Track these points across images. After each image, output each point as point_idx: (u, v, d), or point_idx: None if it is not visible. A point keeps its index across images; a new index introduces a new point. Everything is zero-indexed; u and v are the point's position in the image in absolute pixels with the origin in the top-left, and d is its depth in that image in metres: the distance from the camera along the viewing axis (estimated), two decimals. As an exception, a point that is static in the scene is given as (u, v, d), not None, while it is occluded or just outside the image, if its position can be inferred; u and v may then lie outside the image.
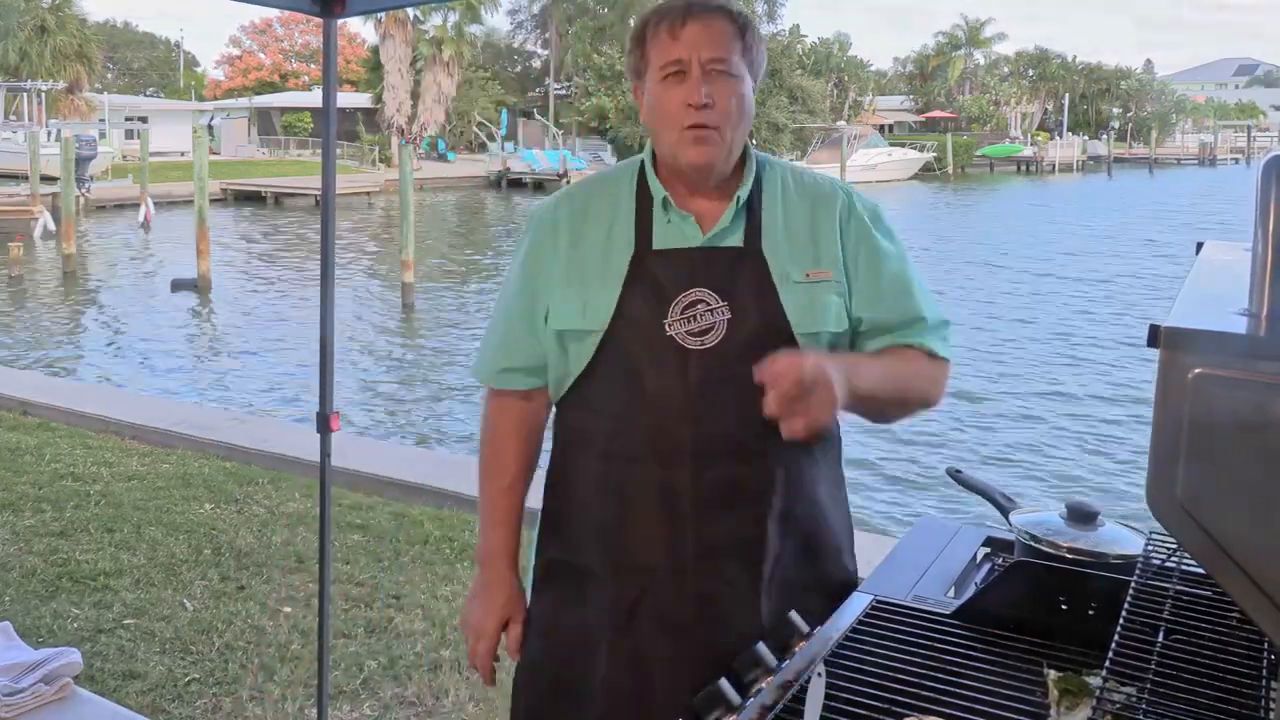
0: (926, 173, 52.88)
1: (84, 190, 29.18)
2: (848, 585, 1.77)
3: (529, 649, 1.82)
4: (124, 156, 39.97)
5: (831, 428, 1.76)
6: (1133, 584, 1.50)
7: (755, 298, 1.64)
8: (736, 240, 1.67)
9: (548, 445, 1.84)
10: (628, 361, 1.65)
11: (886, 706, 1.33)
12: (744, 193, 1.69)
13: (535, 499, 1.83)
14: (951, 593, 1.78)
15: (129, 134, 44.83)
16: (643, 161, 1.75)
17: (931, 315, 1.73)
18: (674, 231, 1.68)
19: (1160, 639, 1.38)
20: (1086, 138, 69.04)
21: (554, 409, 1.80)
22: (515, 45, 63.30)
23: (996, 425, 10.79)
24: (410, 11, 42.54)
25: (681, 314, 1.63)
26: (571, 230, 1.72)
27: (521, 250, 1.79)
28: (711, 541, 1.65)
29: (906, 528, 2.32)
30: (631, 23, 1.91)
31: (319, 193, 3.24)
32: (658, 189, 1.70)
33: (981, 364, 13.59)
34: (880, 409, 1.69)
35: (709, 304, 1.63)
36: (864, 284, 1.70)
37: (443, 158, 49.90)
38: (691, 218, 1.68)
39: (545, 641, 1.78)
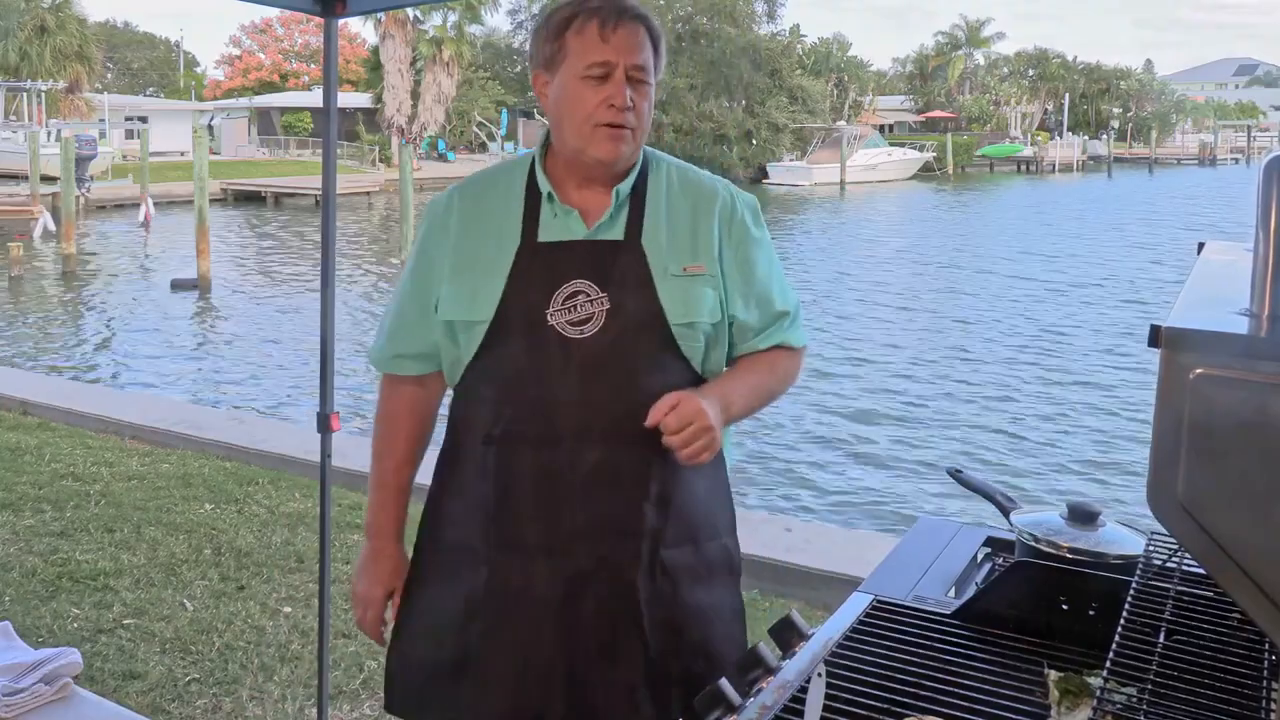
0: (926, 173, 52.90)
1: (84, 190, 29.20)
2: (732, 567, 1.84)
3: (402, 630, 1.87)
4: (124, 156, 39.98)
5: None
6: (1133, 584, 1.50)
7: (633, 289, 1.70)
8: (618, 233, 1.74)
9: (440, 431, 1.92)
10: (512, 350, 1.71)
11: (886, 706, 1.33)
12: (624, 187, 1.75)
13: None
14: (951, 593, 1.78)
15: (129, 134, 44.82)
16: (534, 156, 1.80)
17: (791, 308, 1.85)
18: (559, 225, 1.74)
19: (1161, 639, 1.38)
20: (1086, 138, 69.03)
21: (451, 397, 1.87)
22: (515, 45, 63.21)
23: (996, 425, 10.78)
24: (410, 11, 42.51)
25: (563, 304, 1.69)
26: (463, 223, 1.79)
27: (416, 240, 1.87)
28: (588, 522, 1.70)
29: (906, 528, 2.32)
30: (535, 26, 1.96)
31: (319, 193, 3.23)
32: (544, 183, 1.75)
33: (980, 364, 13.59)
34: (749, 415, 1.84)
35: (589, 294, 1.69)
36: (739, 284, 1.79)
37: (443, 158, 49.88)
38: (576, 212, 1.74)
39: (420, 621, 1.84)
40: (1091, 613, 1.51)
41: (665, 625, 1.72)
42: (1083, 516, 1.74)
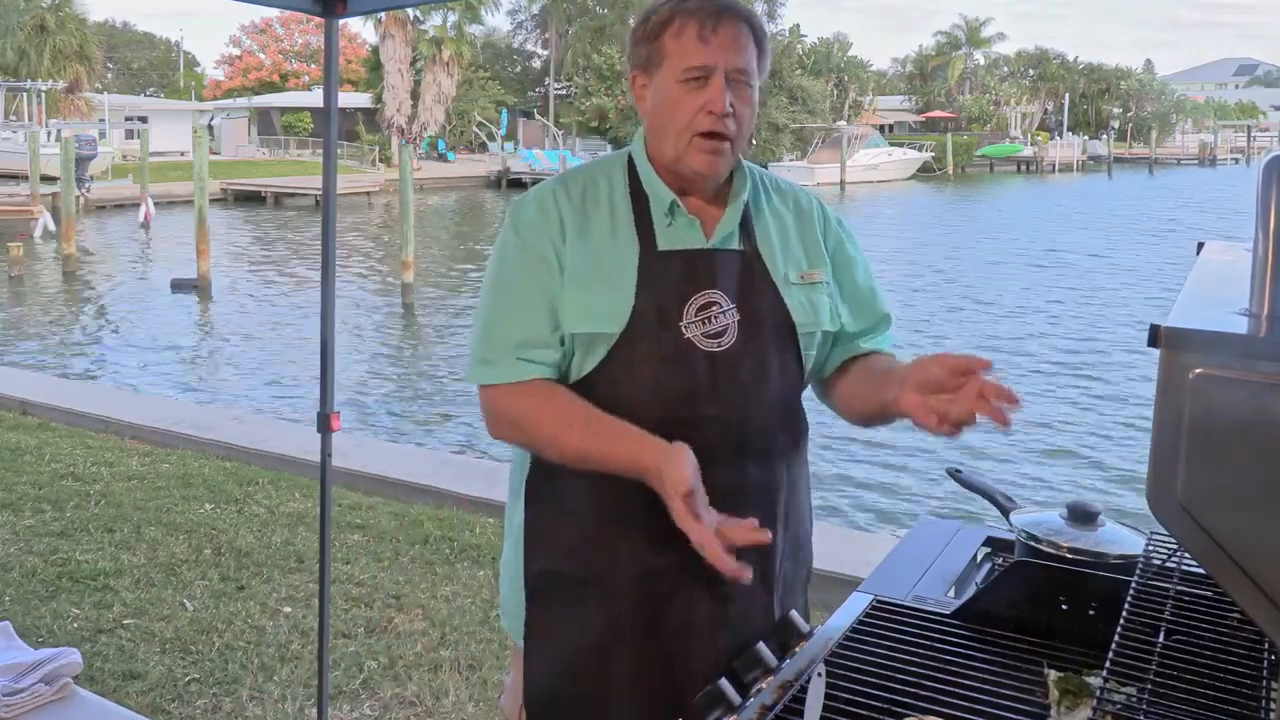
0: (926, 173, 52.91)
1: (84, 190, 29.19)
2: (810, 573, 1.86)
3: (534, 664, 1.74)
4: (124, 156, 39.98)
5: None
6: (1133, 584, 1.50)
7: (762, 299, 1.66)
8: (736, 243, 1.69)
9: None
10: (642, 363, 1.61)
11: (886, 706, 1.33)
12: (744, 197, 1.70)
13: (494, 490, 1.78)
14: (951, 593, 1.78)
15: (129, 134, 44.83)
16: (630, 157, 1.72)
17: (888, 313, 1.83)
18: (678, 233, 1.67)
19: (1161, 639, 1.38)
20: (1086, 138, 69.05)
21: None
22: (515, 45, 63.27)
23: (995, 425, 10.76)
24: (410, 11, 42.51)
25: (696, 315, 1.62)
26: (576, 227, 1.66)
27: (520, 241, 1.68)
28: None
29: (907, 528, 2.32)
30: (633, 21, 1.88)
31: (319, 193, 3.24)
32: (664, 191, 1.67)
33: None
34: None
35: (721, 305, 1.63)
36: (843, 288, 1.77)
37: (443, 158, 49.89)
38: (697, 221, 1.68)
39: (551, 655, 1.71)
40: (1091, 613, 1.51)
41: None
42: (1082, 516, 1.75)
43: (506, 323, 1.66)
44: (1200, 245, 1.53)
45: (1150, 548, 1.67)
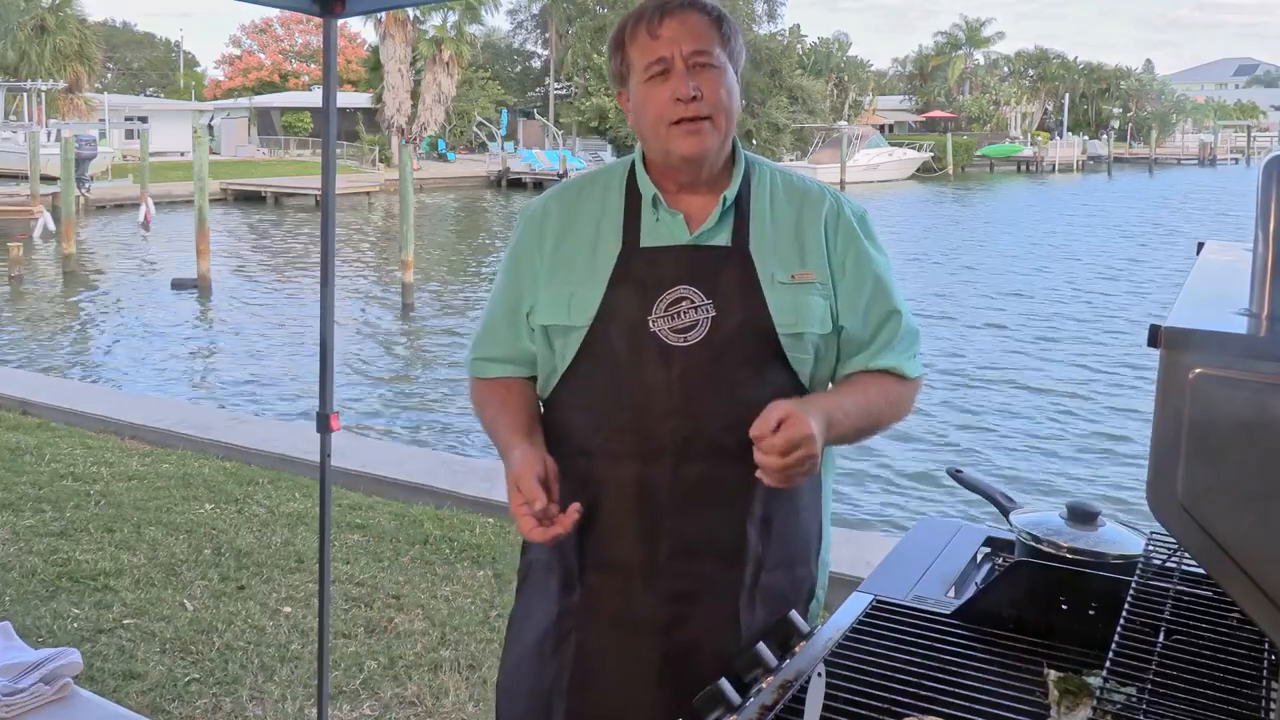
0: (926, 173, 52.91)
1: (84, 190, 29.19)
2: (813, 590, 1.79)
3: (510, 652, 1.80)
4: (124, 156, 39.95)
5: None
6: (1133, 584, 1.50)
7: (740, 296, 1.64)
8: (724, 239, 1.69)
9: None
10: (611, 357, 1.65)
11: (886, 706, 1.33)
12: (732, 192, 1.70)
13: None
14: (951, 593, 1.78)
15: (129, 134, 44.83)
16: (634, 160, 1.76)
17: (906, 329, 1.75)
18: (662, 229, 1.69)
19: (1160, 639, 1.38)
20: (1086, 138, 69.03)
21: (541, 408, 1.80)
22: (515, 45, 63.33)
23: (997, 425, 10.78)
24: (410, 11, 42.51)
25: (665, 310, 1.64)
26: (560, 228, 1.74)
27: (510, 246, 1.82)
28: (688, 541, 1.65)
29: (907, 528, 2.32)
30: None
31: (319, 193, 3.24)
32: (647, 186, 1.71)
33: (979, 364, 13.59)
34: (853, 441, 1.72)
35: (693, 301, 1.64)
36: (848, 290, 1.71)
37: (443, 158, 49.90)
38: (680, 216, 1.69)
39: (522, 644, 1.78)
40: (1091, 613, 1.51)
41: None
42: (1082, 516, 1.75)
43: (484, 323, 1.83)
44: (1200, 245, 1.53)
45: (1150, 548, 1.67)
